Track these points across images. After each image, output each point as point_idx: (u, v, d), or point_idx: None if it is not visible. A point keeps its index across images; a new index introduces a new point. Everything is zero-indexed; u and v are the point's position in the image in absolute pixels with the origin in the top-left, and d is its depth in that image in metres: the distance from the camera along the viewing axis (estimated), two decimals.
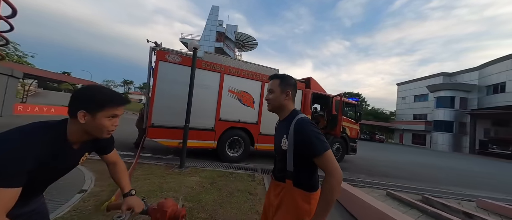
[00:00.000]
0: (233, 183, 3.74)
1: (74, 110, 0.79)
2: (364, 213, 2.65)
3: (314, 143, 0.94)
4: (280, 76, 1.18)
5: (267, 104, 1.19)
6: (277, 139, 1.14)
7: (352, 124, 7.45)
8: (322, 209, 0.89)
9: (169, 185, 3.22)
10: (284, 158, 1.05)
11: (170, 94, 4.75)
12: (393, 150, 17.76)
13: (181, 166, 4.32)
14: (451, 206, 3.33)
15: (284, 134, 1.06)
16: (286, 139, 1.03)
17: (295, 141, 1.00)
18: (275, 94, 1.14)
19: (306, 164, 1.02)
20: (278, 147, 1.10)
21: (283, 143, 1.05)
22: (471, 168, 10.85)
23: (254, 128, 5.67)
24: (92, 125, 0.81)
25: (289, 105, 1.16)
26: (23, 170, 0.69)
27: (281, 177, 1.08)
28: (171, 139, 4.75)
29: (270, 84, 1.18)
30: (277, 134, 1.17)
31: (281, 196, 1.06)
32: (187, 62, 4.82)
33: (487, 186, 6.50)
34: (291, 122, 1.05)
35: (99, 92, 0.83)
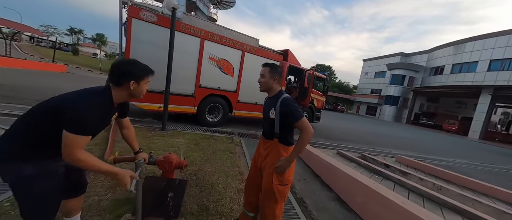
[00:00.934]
0: (215, 144, 4.25)
1: (125, 80, 1.09)
2: (318, 165, 3.53)
3: (294, 113, 1.40)
4: (270, 64, 1.56)
5: (259, 85, 1.58)
6: (266, 110, 1.56)
7: (320, 96, 8.41)
8: (295, 152, 1.41)
9: (156, 145, 3.53)
10: (272, 124, 1.49)
11: (147, 57, 4.54)
12: (350, 119, 20.64)
13: (163, 129, 4.56)
14: (378, 160, 4.57)
15: (272, 107, 1.48)
16: (274, 110, 1.47)
17: (280, 112, 1.44)
18: (266, 78, 1.53)
19: (287, 128, 1.49)
20: (267, 116, 1.52)
21: (271, 113, 1.49)
22: (403, 135, 13.75)
23: (233, 96, 6.01)
24: (137, 90, 1.15)
25: (276, 87, 1.56)
26: (93, 124, 1.00)
27: (270, 136, 1.54)
28: (150, 103, 4.78)
29: (262, 70, 1.55)
30: (266, 107, 1.58)
31: (269, 148, 1.54)
32: (164, 22, 4.52)
33: (410, 147, 8.62)
34: (278, 99, 1.47)
35: (141, 66, 1.18)
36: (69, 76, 15.04)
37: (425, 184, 3.33)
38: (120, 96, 1.12)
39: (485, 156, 9.70)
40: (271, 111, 1.49)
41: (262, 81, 1.55)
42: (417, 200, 2.69)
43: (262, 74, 1.54)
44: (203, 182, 2.52)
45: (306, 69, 7.45)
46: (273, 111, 1.47)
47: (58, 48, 47.28)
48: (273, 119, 1.47)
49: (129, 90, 1.11)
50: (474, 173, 5.62)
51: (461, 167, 6.27)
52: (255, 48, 6.08)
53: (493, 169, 6.69)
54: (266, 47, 6.52)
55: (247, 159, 3.68)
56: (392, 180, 3.32)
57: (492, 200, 3.18)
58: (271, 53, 6.50)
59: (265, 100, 1.67)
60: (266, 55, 6.34)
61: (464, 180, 3.81)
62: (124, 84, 1.09)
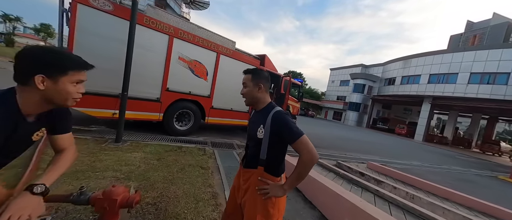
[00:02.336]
0: (183, 157, 3.66)
1: (26, 74, 0.68)
2: None
3: (291, 130, 1.06)
4: (251, 70, 1.22)
5: (244, 98, 1.24)
6: (253, 128, 1.20)
7: (295, 102, 8.45)
8: (293, 180, 1.06)
9: (104, 164, 2.78)
10: (259, 145, 1.13)
11: (97, 53, 3.73)
12: (320, 124, 21.79)
13: (117, 140, 3.75)
14: (353, 168, 4.63)
15: (261, 124, 1.13)
16: (263, 128, 1.12)
17: (271, 131, 1.09)
18: (248, 88, 1.20)
19: (278, 154, 1.16)
20: (254, 135, 1.17)
21: (259, 132, 1.13)
22: (365, 139, 15.03)
23: (206, 101, 5.46)
24: (55, 92, 0.72)
25: (264, 97, 1.23)
26: None
27: (253, 163, 1.17)
28: (101, 108, 3.91)
29: (243, 78, 1.23)
30: (253, 124, 1.23)
31: (251, 180, 1.17)
32: (122, 13, 3.79)
33: (373, 151, 9.31)
34: (268, 114, 1.13)
35: (61, 55, 0.74)
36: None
37: (399, 193, 3.42)
38: (31, 102, 0.73)
39: (430, 157, 11.18)
40: (259, 129, 1.14)
41: (245, 92, 1.23)
42: (398, 214, 2.67)
43: (244, 83, 1.23)
44: (165, 214, 1.98)
45: (283, 75, 7.39)
46: (262, 129, 1.13)
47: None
48: (260, 139, 1.13)
49: (39, 91, 0.70)
50: (428, 175, 6.27)
51: (417, 169, 6.95)
52: (232, 50, 5.70)
53: (440, 170, 7.64)
54: (243, 51, 6.20)
55: (222, 175, 3.21)
56: (370, 191, 3.30)
57: (455, 206, 3.44)
58: (248, 57, 6.20)
59: (251, 115, 1.35)
60: (243, 59, 6.01)
61: (429, 186, 4.10)
62: (30, 81, 0.68)
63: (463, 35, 37.73)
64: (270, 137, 1.10)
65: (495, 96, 18.21)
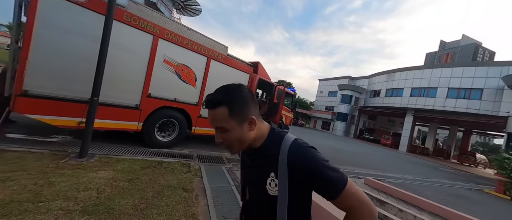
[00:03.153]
0: (163, 176, 3.09)
1: None
2: None
3: (329, 179, 0.61)
4: (223, 100, 0.66)
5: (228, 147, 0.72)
6: (254, 177, 0.76)
7: (288, 112, 8.15)
8: None
9: (54, 189, 2.16)
10: (271, 204, 0.68)
11: (65, 50, 3.14)
12: (310, 134, 21.74)
13: (81, 155, 3.11)
14: None
15: (270, 171, 0.68)
16: (275, 178, 0.67)
17: (293, 181, 0.64)
18: (231, 132, 0.67)
19: (303, 208, 0.71)
20: (260, 192, 0.71)
21: (270, 187, 0.68)
22: (355, 150, 15.06)
23: (194, 110, 4.94)
24: None
25: (261, 129, 0.73)
26: None
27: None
28: (63, 116, 3.26)
29: (214, 119, 0.68)
30: (252, 171, 0.77)
31: None
32: (97, 6, 3.28)
33: (365, 164, 9.16)
34: (277, 151, 0.67)
35: None
36: None
37: (406, 216, 3.11)
38: None
39: (418, 169, 11.31)
40: (269, 180, 0.68)
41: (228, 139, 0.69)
42: None
43: (221, 128, 0.68)
44: None
45: (276, 84, 7.09)
46: (275, 181, 0.67)
47: None
48: (274, 197, 0.68)
49: None
50: (422, 190, 6.13)
51: (411, 184, 6.82)
52: (224, 56, 5.30)
53: (432, 184, 7.61)
54: (236, 57, 5.83)
55: (208, 199, 2.69)
56: (380, 217, 2.95)
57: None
58: (240, 63, 5.83)
59: (242, 157, 0.86)
60: (235, 65, 5.63)
61: (433, 207, 3.86)
62: None
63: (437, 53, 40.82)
64: (291, 192, 0.65)
65: (470, 110, 19.43)
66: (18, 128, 3.94)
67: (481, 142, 45.10)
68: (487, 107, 18.59)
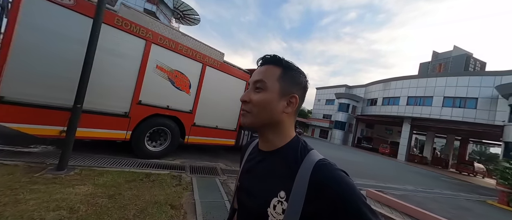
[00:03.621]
0: (149, 190, 2.82)
1: None
2: None
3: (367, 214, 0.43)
4: (283, 62, 0.57)
5: (245, 112, 0.58)
6: (257, 191, 0.56)
7: None
8: None
9: (21, 208, 1.88)
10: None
11: (47, 54, 2.95)
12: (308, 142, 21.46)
13: (60, 167, 2.83)
14: None
15: (280, 190, 0.50)
16: (285, 200, 0.48)
17: (310, 210, 0.46)
18: (268, 94, 0.55)
19: None
20: (259, 208, 0.53)
21: (274, 211, 0.49)
22: (354, 159, 14.80)
23: (187, 118, 4.72)
24: None
25: (289, 124, 0.59)
26: None
27: None
28: (43, 124, 3.01)
29: (261, 72, 0.57)
30: (254, 180, 0.59)
31: None
32: (86, 9, 3.13)
33: (366, 174, 8.90)
34: (297, 165, 0.51)
35: None
36: None
37: None
38: None
39: (419, 179, 11.07)
40: (274, 201, 0.50)
41: (256, 100, 0.56)
42: None
43: (261, 81, 0.56)
44: None
45: None
46: (283, 202, 0.49)
47: None
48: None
49: None
50: (426, 202, 5.88)
51: (413, 195, 6.57)
52: (219, 62, 5.17)
53: (435, 195, 7.36)
54: (232, 64, 5.71)
55: (197, 218, 2.42)
56: None
57: None
58: (237, 70, 5.70)
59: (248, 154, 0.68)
60: (232, 72, 5.49)
61: None
62: None
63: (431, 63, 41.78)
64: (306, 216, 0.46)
65: (467, 118, 19.54)
66: None
67: (478, 151, 45.30)
68: (483, 116, 18.73)
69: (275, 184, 0.52)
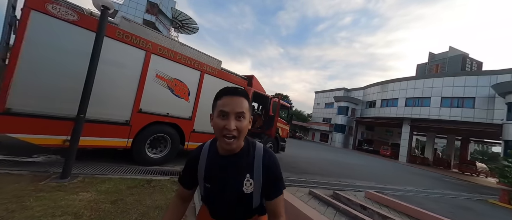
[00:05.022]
0: (150, 196, 2.89)
1: None
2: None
3: (281, 183, 0.86)
4: (246, 94, 0.83)
5: (234, 140, 0.77)
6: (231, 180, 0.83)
7: (284, 125, 8.06)
8: None
9: (28, 214, 1.97)
10: (248, 200, 0.83)
11: (52, 67, 3.10)
12: (308, 147, 21.45)
13: (64, 176, 2.92)
14: (352, 200, 4.10)
15: (246, 173, 0.82)
16: (251, 179, 0.82)
17: (264, 180, 0.83)
18: (244, 121, 0.79)
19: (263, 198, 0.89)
20: (236, 190, 0.82)
21: (246, 186, 0.81)
22: (355, 161, 14.78)
23: (187, 124, 4.83)
24: None
25: None
26: None
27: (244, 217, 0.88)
28: (48, 134, 3.12)
29: (239, 103, 0.78)
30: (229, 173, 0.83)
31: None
32: (89, 24, 3.31)
33: (366, 176, 8.91)
34: (253, 154, 0.85)
35: None
36: None
37: None
38: None
39: (420, 180, 11.05)
40: (245, 181, 0.82)
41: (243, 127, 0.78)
42: None
43: (241, 113, 0.78)
44: None
45: (271, 96, 7.10)
46: (250, 181, 0.82)
47: None
48: (249, 194, 0.83)
49: None
50: (426, 202, 5.90)
51: (414, 196, 6.58)
52: (217, 70, 5.33)
53: (435, 195, 7.36)
54: (229, 71, 5.88)
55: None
56: None
57: None
58: (234, 77, 5.86)
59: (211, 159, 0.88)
60: (229, 79, 5.65)
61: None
62: None
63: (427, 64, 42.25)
64: (263, 182, 0.83)
65: (465, 118, 19.62)
66: (1, 148, 3.75)
67: (479, 150, 45.03)
68: (481, 115, 18.82)
69: (243, 171, 0.82)
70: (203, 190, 0.88)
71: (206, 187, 0.85)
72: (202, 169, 0.86)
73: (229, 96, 0.78)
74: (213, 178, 0.84)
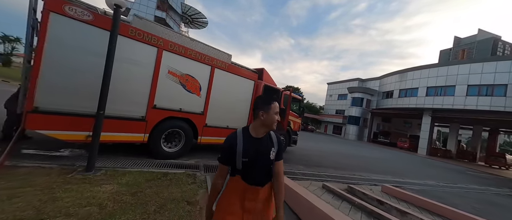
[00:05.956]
0: (167, 189, 3.01)
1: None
2: (310, 216, 2.65)
3: (282, 150, 1.34)
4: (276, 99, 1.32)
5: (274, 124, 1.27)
6: (264, 152, 1.25)
7: (296, 118, 7.94)
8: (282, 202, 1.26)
9: (57, 205, 2.14)
10: (271, 165, 1.28)
11: (72, 66, 3.26)
12: (321, 140, 21.10)
13: (88, 169, 3.12)
14: (368, 194, 3.98)
15: (272, 147, 1.28)
16: (274, 150, 1.28)
17: (277, 149, 1.30)
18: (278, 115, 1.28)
19: None
20: (267, 159, 1.25)
21: (272, 155, 1.26)
22: (370, 155, 14.32)
23: (199, 119, 4.92)
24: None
25: None
26: None
27: (265, 181, 1.27)
28: (72, 130, 3.33)
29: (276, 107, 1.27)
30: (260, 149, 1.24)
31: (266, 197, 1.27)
32: (103, 23, 3.40)
33: (382, 170, 8.62)
34: (271, 136, 1.32)
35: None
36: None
37: None
38: None
39: (441, 174, 10.47)
40: (272, 152, 1.27)
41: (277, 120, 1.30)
42: None
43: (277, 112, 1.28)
44: None
45: (283, 89, 6.98)
46: (274, 151, 1.28)
47: None
48: (273, 160, 1.29)
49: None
50: (449, 197, 5.59)
51: (435, 191, 6.26)
52: (227, 64, 5.31)
53: (459, 190, 6.95)
54: (240, 64, 5.83)
55: None
56: None
57: None
58: (245, 71, 5.81)
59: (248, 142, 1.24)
60: (240, 73, 5.61)
61: (460, 216, 3.45)
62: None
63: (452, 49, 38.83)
64: (276, 154, 1.29)
65: (495, 107, 18.02)
66: (32, 143, 4.08)
67: (510, 142, 41.49)
68: None
69: (268, 145, 1.28)
70: (241, 164, 1.19)
71: (244, 161, 1.19)
72: (240, 149, 1.19)
73: (275, 103, 1.26)
74: (250, 153, 1.19)
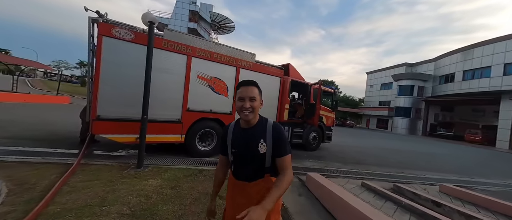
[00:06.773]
0: (201, 184, 3.26)
1: None
2: (345, 215, 2.45)
3: (286, 144, 1.10)
4: (256, 84, 1.14)
5: (249, 112, 1.08)
6: (250, 145, 1.11)
7: (329, 112, 7.45)
8: (276, 197, 0.95)
9: (115, 195, 2.57)
10: (262, 160, 1.10)
11: (122, 80, 3.86)
12: (361, 135, 19.19)
13: (139, 166, 3.65)
14: (420, 194, 3.41)
15: (261, 138, 1.10)
16: (264, 142, 1.09)
17: (274, 140, 1.09)
18: (258, 102, 1.11)
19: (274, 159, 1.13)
20: (253, 151, 1.10)
21: (261, 147, 1.09)
22: (424, 150, 12.24)
23: (228, 119, 5.14)
24: None
25: None
26: None
27: (258, 175, 1.13)
28: (125, 134, 3.95)
29: (251, 91, 1.09)
30: (248, 140, 1.12)
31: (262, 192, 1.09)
32: (142, 40, 3.91)
33: (440, 167, 7.26)
34: (265, 126, 1.12)
35: None
36: (70, 107, 14.91)
37: None
38: None
39: None
40: (260, 144, 1.11)
41: (255, 106, 1.10)
42: None
43: (253, 97, 1.09)
44: None
45: (311, 83, 6.65)
46: (263, 144, 1.10)
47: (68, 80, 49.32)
48: (263, 154, 1.11)
49: None
50: None
51: None
52: (252, 63, 5.38)
53: None
54: (264, 62, 5.82)
55: None
56: None
57: None
58: (270, 68, 5.78)
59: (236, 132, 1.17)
60: (265, 71, 5.61)
61: None
62: None
63: None
64: (273, 147, 1.10)
65: None
66: (100, 146, 5.02)
67: None
68: None
69: (256, 137, 1.10)
70: (231, 155, 1.16)
71: (233, 152, 1.15)
72: (230, 138, 1.17)
73: (244, 87, 1.09)
74: (238, 144, 1.13)
